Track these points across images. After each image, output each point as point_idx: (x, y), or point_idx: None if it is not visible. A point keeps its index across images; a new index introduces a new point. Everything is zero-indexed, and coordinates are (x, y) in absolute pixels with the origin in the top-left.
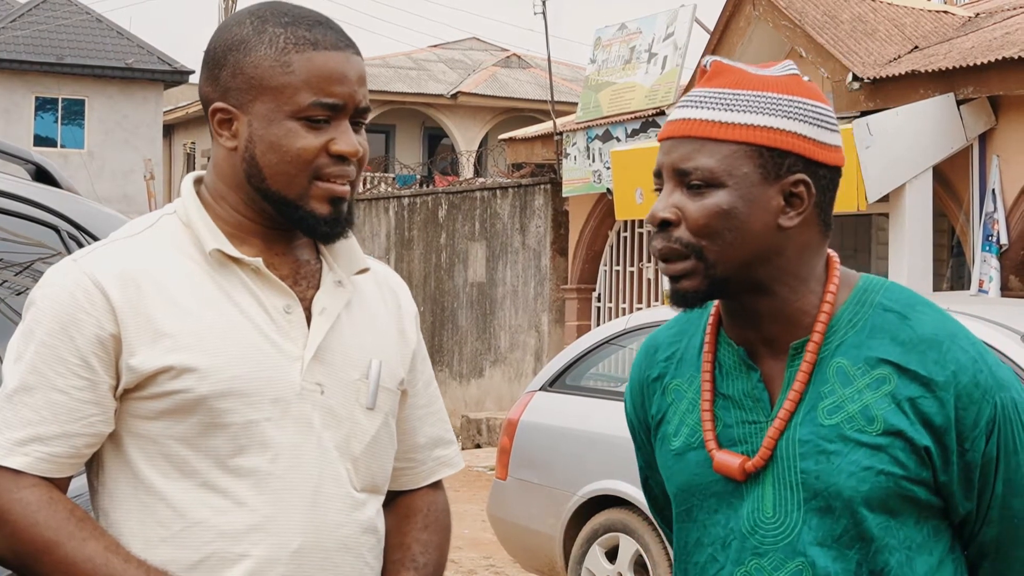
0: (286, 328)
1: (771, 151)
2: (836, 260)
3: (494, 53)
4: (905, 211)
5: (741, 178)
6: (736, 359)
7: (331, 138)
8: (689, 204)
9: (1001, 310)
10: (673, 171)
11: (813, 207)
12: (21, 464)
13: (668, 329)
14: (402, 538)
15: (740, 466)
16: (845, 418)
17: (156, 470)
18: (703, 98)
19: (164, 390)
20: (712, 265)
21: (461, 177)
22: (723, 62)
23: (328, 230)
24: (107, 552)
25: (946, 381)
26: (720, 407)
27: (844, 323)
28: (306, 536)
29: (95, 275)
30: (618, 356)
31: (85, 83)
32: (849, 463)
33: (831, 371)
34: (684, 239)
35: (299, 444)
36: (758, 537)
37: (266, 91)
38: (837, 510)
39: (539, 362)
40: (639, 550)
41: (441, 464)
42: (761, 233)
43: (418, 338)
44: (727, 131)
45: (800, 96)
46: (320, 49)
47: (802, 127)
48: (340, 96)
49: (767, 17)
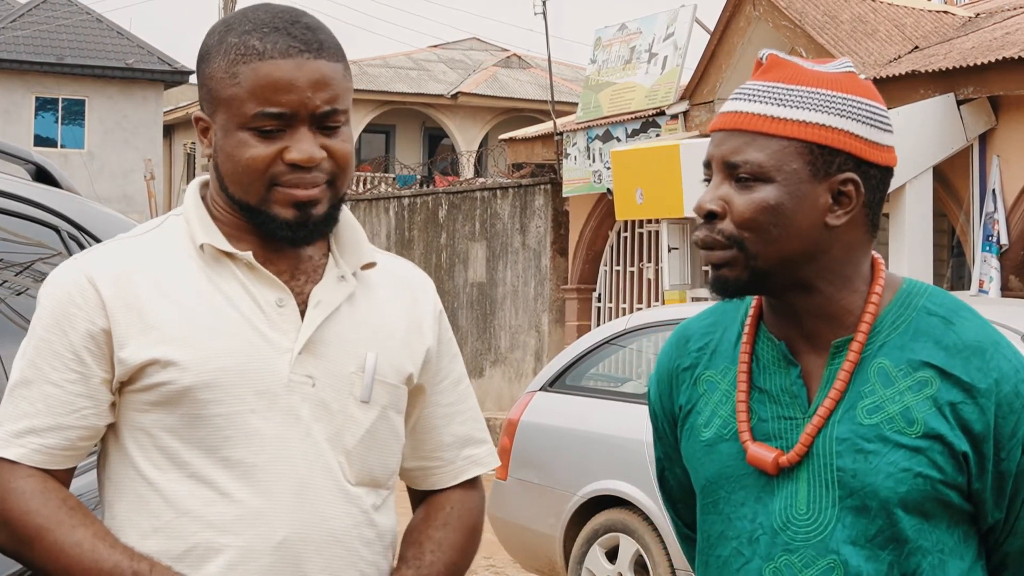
0: (277, 321)
1: (822, 148)
2: (882, 261)
3: (494, 53)
4: (905, 211)
5: (790, 174)
6: (776, 354)
7: (285, 146)
8: (736, 197)
9: (1001, 310)
10: (722, 163)
11: (862, 207)
12: (17, 455)
13: (701, 320)
14: (418, 535)
15: (774, 460)
16: (885, 418)
17: (150, 462)
18: (757, 91)
19: (152, 382)
20: (753, 256)
21: (461, 177)
22: (779, 55)
23: (291, 234)
24: (95, 539)
25: (988, 388)
26: (756, 401)
27: (888, 324)
28: (292, 528)
29: (89, 272)
30: (618, 356)
31: (85, 83)
32: (887, 463)
33: (873, 371)
34: (727, 231)
35: (285, 436)
36: (790, 533)
37: (221, 102)
38: (873, 510)
39: (539, 362)
40: (639, 550)
41: (471, 463)
42: (807, 230)
43: (439, 336)
44: (778, 126)
45: (855, 95)
46: (266, 59)
47: (855, 126)
48: (286, 105)
49: (767, 17)
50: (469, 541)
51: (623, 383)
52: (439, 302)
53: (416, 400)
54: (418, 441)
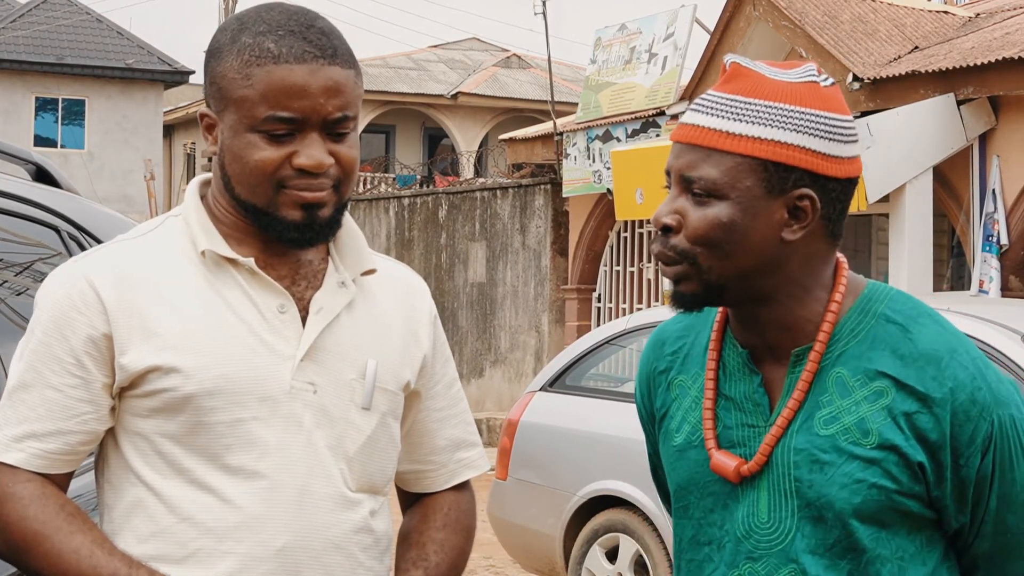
0: (279, 327)
1: (776, 165)
2: (845, 266)
3: (494, 53)
4: (905, 211)
5: (743, 191)
6: (740, 361)
7: (294, 151)
8: (691, 212)
9: (1001, 310)
10: (679, 177)
11: (819, 220)
12: (16, 460)
13: (676, 323)
14: (418, 537)
15: (736, 469)
16: (841, 429)
17: (150, 467)
18: (715, 104)
19: (153, 388)
20: (706, 271)
21: (461, 177)
22: (741, 64)
23: (297, 236)
24: (93, 545)
25: (943, 398)
26: (722, 408)
27: (847, 332)
28: (292, 535)
29: (90, 276)
30: (618, 356)
31: (85, 83)
32: (842, 475)
33: (831, 381)
34: (680, 246)
35: (287, 443)
36: (752, 541)
37: (231, 102)
38: (829, 520)
39: (539, 362)
40: (639, 550)
41: (464, 466)
42: (762, 246)
43: (435, 341)
44: (733, 143)
45: (815, 108)
46: (281, 62)
47: (811, 141)
48: (298, 110)
49: (767, 17)
50: (467, 543)
51: (623, 383)
52: (434, 307)
53: (411, 405)
54: (412, 445)
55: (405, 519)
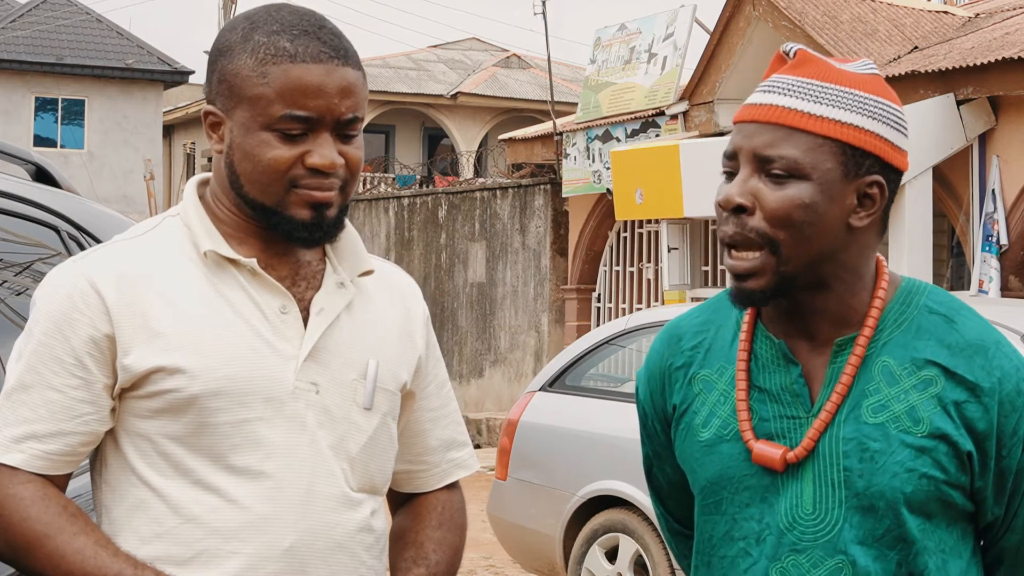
0: (281, 328)
1: (854, 150)
2: (884, 260)
3: (494, 53)
4: (905, 211)
5: (825, 172)
6: (775, 353)
7: (307, 150)
8: (768, 193)
9: (1001, 310)
10: (753, 156)
11: (881, 208)
12: (16, 461)
13: (693, 317)
14: (415, 536)
15: (781, 457)
16: (891, 417)
17: (152, 468)
18: (791, 86)
19: (157, 389)
20: (785, 261)
21: (461, 177)
22: (808, 51)
23: (307, 235)
24: (97, 546)
25: (991, 387)
26: (755, 400)
27: (891, 322)
28: (298, 535)
29: (92, 276)
30: (618, 356)
31: (85, 83)
32: (894, 463)
33: (877, 369)
34: (760, 228)
35: (292, 443)
36: (796, 533)
37: (244, 100)
38: (880, 510)
39: (539, 362)
40: (639, 550)
41: (455, 466)
42: (834, 230)
43: (428, 342)
44: (816, 124)
45: (883, 97)
46: (298, 62)
47: (884, 129)
48: (314, 110)
49: (767, 17)
50: (462, 541)
51: (623, 383)
52: (426, 308)
53: (405, 405)
54: (405, 445)
55: (397, 519)
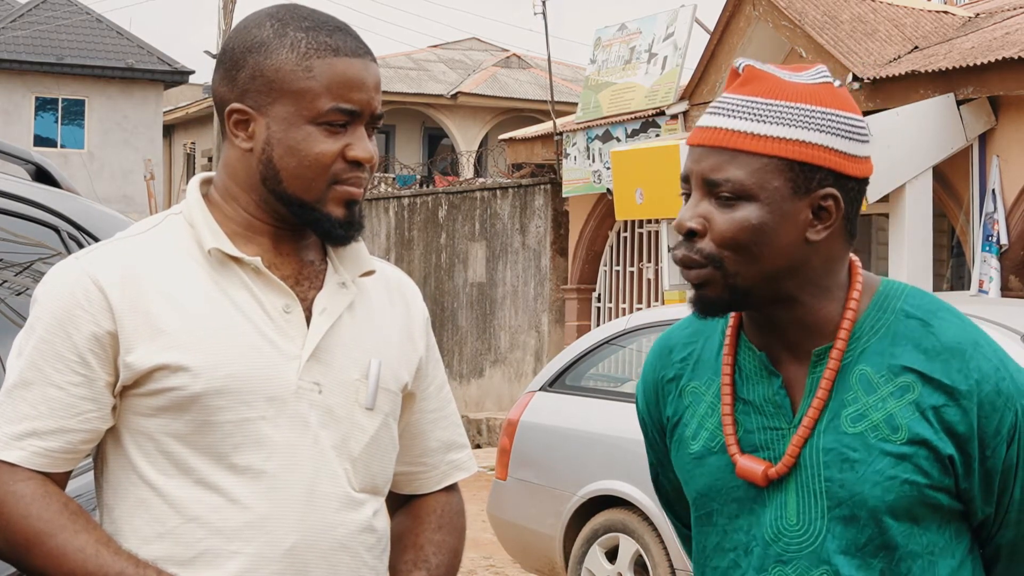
0: (285, 327)
1: (802, 165)
2: (858, 265)
3: (494, 53)
4: (905, 211)
5: (772, 192)
6: (757, 364)
7: (348, 144)
8: (717, 216)
9: (1001, 310)
10: (703, 180)
11: (841, 219)
12: (17, 458)
13: (682, 329)
14: (415, 538)
15: (763, 472)
16: (869, 426)
17: (154, 467)
18: (736, 106)
19: (160, 387)
20: (732, 275)
21: (461, 177)
22: (756, 67)
23: (343, 232)
24: (98, 544)
25: (969, 390)
26: (741, 412)
27: (867, 329)
28: (301, 535)
29: (94, 273)
30: (618, 356)
31: (85, 83)
32: (874, 472)
33: (854, 378)
34: (706, 250)
35: (294, 443)
36: (782, 544)
37: (286, 94)
38: (862, 519)
39: (539, 362)
40: (639, 550)
41: (454, 468)
42: (788, 247)
43: (428, 343)
44: (760, 143)
45: (833, 108)
46: (341, 55)
47: (834, 140)
48: (359, 103)
49: (767, 17)
50: (461, 544)
51: (623, 383)
52: (426, 309)
53: (406, 406)
54: (404, 446)
55: (396, 520)
